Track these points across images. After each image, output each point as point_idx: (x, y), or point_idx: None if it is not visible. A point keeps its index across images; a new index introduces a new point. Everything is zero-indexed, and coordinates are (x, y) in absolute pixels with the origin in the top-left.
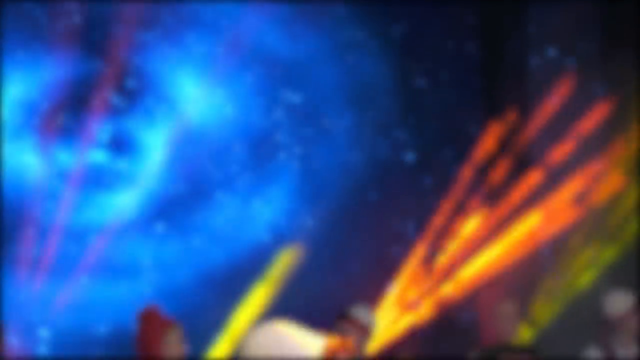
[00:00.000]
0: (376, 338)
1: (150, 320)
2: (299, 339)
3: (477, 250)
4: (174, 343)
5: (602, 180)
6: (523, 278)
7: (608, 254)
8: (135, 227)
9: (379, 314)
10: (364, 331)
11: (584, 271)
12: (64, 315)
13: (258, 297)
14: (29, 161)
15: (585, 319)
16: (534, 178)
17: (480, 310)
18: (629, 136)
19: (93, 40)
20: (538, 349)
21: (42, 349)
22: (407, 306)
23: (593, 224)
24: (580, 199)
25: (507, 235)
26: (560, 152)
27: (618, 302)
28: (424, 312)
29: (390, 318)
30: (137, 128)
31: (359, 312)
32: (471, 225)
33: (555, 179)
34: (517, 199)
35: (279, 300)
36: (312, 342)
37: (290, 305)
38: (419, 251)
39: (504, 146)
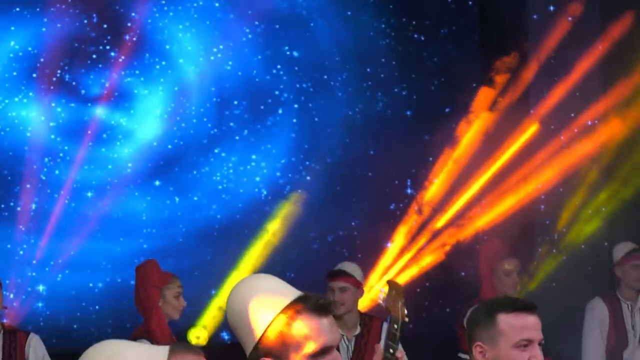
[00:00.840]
0: (373, 289)
1: (148, 275)
2: (274, 289)
3: (476, 204)
4: (172, 297)
5: (602, 124)
6: (523, 232)
7: (611, 205)
8: (133, 183)
9: (378, 268)
10: (358, 285)
11: (586, 222)
12: (61, 270)
13: (256, 251)
14: (27, 116)
15: (587, 272)
16: (533, 126)
17: (480, 265)
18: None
19: None
20: (538, 303)
21: (39, 305)
22: (406, 260)
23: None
24: (579, 145)
25: (507, 187)
26: (559, 95)
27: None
28: (422, 266)
29: (389, 272)
30: (136, 83)
31: (349, 267)
32: (471, 178)
33: (554, 126)
34: (517, 148)
35: (277, 255)
36: (286, 293)
37: (288, 260)
38: (418, 206)
39: (502, 94)
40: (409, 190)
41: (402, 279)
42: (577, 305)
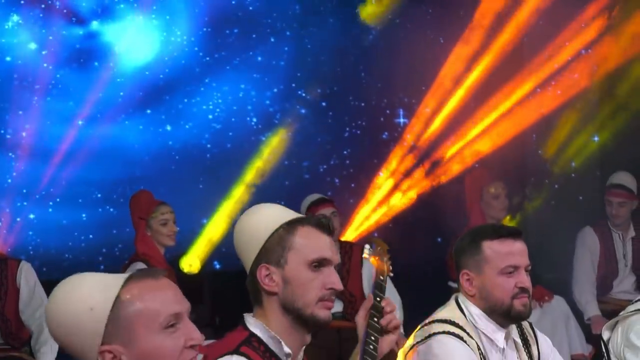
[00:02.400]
0: (368, 219)
1: (133, 206)
2: (279, 211)
3: (467, 132)
4: (158, 225)
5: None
6: (515, 161)
7: (602, 135)
8: (125, 112)
9: (370, 197)
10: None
11: (578, 152)
12: (52, 199)
13: (247, 180)
14: (17, 43)
15: (579, 201)
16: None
17: (467, 193)
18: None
19: None
20: (529, 232)
21: (30, 234)
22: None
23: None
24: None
25: (497, 117)
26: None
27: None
28: (414, 195)
29: (381, 200)
30: (128, 11)
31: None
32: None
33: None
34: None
35: (268, 184)
36: (290, 213)
37: (280, 188)
38: (409, 135)
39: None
40: (401, 120)
41: (393, 208)
42: (567, 234)
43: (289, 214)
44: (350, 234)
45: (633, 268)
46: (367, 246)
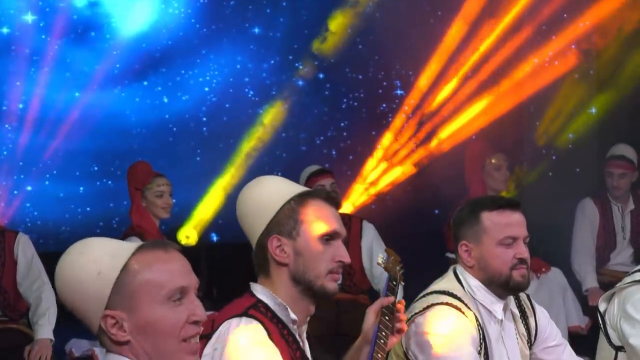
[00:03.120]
0: (367, 190)
1: (129, 177)
2: (285, 183)
3: (466, 104)
4: (153, 196)
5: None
6: (513, 133)
7: (600, 107)
8: (121, 84)
9: (367, 169)
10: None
11: (576, 124)
12: (49, 171)
13: (244, 152)
14: (14, 14)
15: (576, 173)
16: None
17: (466, 165)
18: None
19: None
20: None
21: (27, 206)
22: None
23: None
24: (572, 47)
25: (498, 89)
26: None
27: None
28: (412, 165)
29: (379, 172)
30: None
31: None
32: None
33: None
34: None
35: (265, 156)
36: (297, 186)
37: (276, 160)
38: (407, 107)
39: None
40: (398, 92)
41: (390, 179)
42: (565, 206)
43: (297, 187)
44: (348, 206)
45: (631, 241)
46: (380, 255)
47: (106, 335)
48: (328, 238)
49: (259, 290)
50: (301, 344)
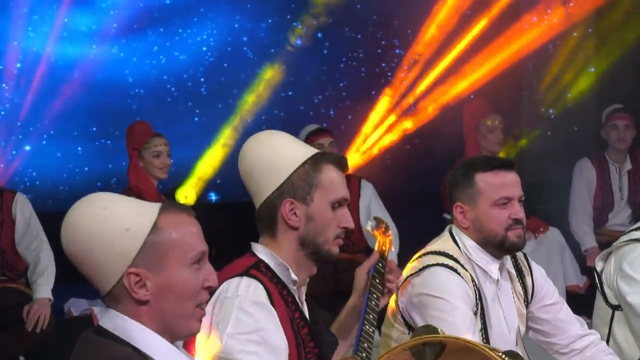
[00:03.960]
0: (366, 149)
1: (127, 137)
2: (296, 142)
3: (464, 62)
4: (150, 156)
5: None
6: (510, 91)
7: (599, 65)
8: (118, 44)
9: (366, 127)
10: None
11: (574, 82)
12: (47, 132)
13: (243, 112)
14: None
15: (574, 132)
16: None
17: (464, 124)
18: None
19: None
20: (525, 164)
21: (25, 166)
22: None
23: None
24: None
25: (496, 46)
26: None
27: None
28: (411, 124)
29: (378, 131)
30: None
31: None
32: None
33: None
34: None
35: (264, 115)
36: (307, 147)
37: (275, 120)
38: (405, 66)
39: None
40: (397, 51)
41: (389, 138)
42: (563, 165)
43: (308, 148)
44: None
45: (629, 201)
46: (369, 222)
47: (126, 292)
48: (337, 204)
49: (260, 250)
50: (300, 304)
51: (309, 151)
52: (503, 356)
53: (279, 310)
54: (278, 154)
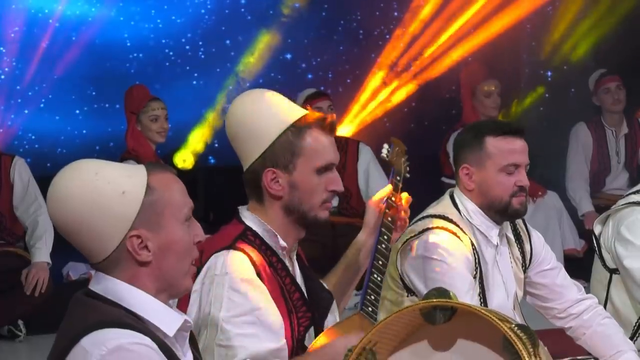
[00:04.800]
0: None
1: (125, 101)
2: (281, 104)
3: (463, 25)
4: (148, 121)
5: None
6: (509, 55)
7: (598, 29)
8: (116, 8)
9: (366, 88)
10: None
11: (573, 45)
12: (45, 96)
13: (241, 74)
14: None
15: (572, 94)
16: None
17: (461, 89)
18: None
19: None
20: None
21: (24, 129)
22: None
23: None
24: None
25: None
26: None
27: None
28: (409, 88)
29: (376, 95)
30: None
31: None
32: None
33: None
34: None
35: (261, 78)
36: (293, 109)
37: (272, 82)
38: (404, 29)
39: None
40: (396, 13)
41: (388, 102)
42: (560, 128)
43: (294, 110)
44: (344, 129)
45: (626, 165)
46: (385, 146)
47: (127, 256)
48: (324, 169)
49: (247, 217)
50: (290, 269)
51: (293, 115)
52: (515, 328)
53: (269, 280)
54: (260, 120)
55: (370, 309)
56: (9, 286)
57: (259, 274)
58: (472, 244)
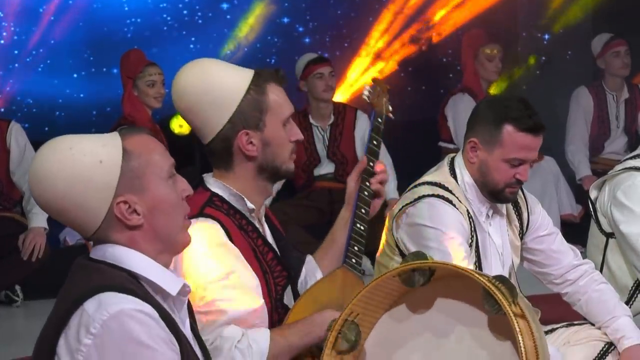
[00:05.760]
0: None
1: (122, 65)
2: (230, 69)
3: None
4: (145, 86)
5: None
6: (507, 19)
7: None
8: None
9: (364, 53)
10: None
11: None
12: (43, 61)
13: (238, 38)
14: None
15: (571, 58)
16: None
17: (462, 53)
18: None
19: None
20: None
21: (22, 94)
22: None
23: None
24: None
25: None
26: None
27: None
28: (407, 52)
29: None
30: None
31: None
32: None
33: None
34: None
35: (258, 42)
36: (243, 71)
37: (268, 46)
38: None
39: None
40: None
41: (385, 67)
42: (560, 93)
43: (244, 71)
44: (342, 95)
45: (625, 129)
46: (367, 87)
47: (117, 224)
48: (287, 122)
49: (212, 183)
50: (261, 230)
51: (247, 75)
52: (493, 280)
53: (240, 243)
54: (220, 87)
55: (354, 260)
56: (6, 251)
57: (230, 238)
58: (468, 213)
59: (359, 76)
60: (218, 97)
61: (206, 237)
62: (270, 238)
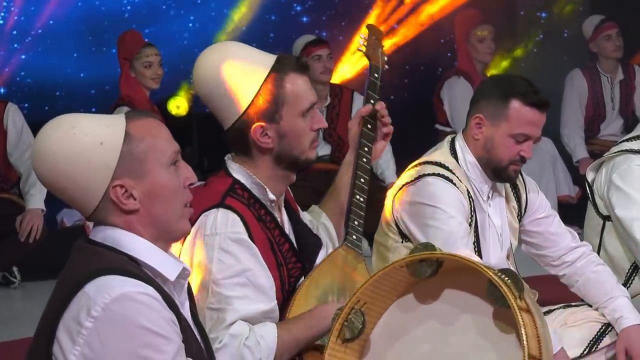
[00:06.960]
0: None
1: (118, 46)
2: (250, 56)
3: None
4: (141, 67)
5: None
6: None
7: None
8: None
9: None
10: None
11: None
12: (42, 41)
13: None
14: None
15: (568, 40)
16: None
17: (455, 35)
18: None
19: None
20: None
21: (22, 74)
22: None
23: None
24: None
25: None
26: None
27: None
28: (403, 33)
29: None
30: None
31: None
32: None
33: None
34: None
35: (256, 23)
36: (264, 59)
37: (266, 24)
38: None
39: None
40: None
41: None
42: (556, 76)
43: (263, 58)
44: (339, 76)
45: (620, 111)
46: (362, 36)
47: (114, 207)
48: (307, 112)
49: (235, 169)
50: (279, 219)
51: (266, 64)
52: (500, 274)
53: (258, 236)
54: (236, 78)
55: (354, 236)
56: (3, 232)
57: (249, 233)
58: (468, 192)
59: (357, 58)
60: (234, 87)
61: (225, 231)
62: (287, 226)
